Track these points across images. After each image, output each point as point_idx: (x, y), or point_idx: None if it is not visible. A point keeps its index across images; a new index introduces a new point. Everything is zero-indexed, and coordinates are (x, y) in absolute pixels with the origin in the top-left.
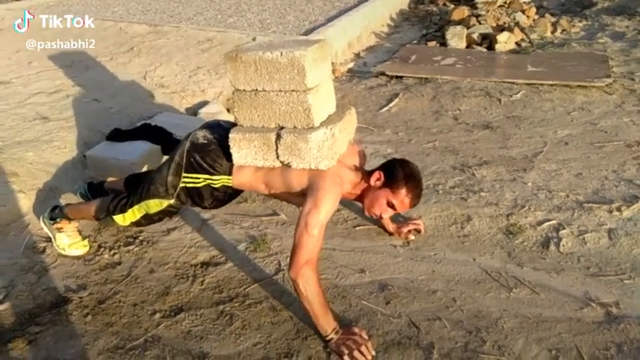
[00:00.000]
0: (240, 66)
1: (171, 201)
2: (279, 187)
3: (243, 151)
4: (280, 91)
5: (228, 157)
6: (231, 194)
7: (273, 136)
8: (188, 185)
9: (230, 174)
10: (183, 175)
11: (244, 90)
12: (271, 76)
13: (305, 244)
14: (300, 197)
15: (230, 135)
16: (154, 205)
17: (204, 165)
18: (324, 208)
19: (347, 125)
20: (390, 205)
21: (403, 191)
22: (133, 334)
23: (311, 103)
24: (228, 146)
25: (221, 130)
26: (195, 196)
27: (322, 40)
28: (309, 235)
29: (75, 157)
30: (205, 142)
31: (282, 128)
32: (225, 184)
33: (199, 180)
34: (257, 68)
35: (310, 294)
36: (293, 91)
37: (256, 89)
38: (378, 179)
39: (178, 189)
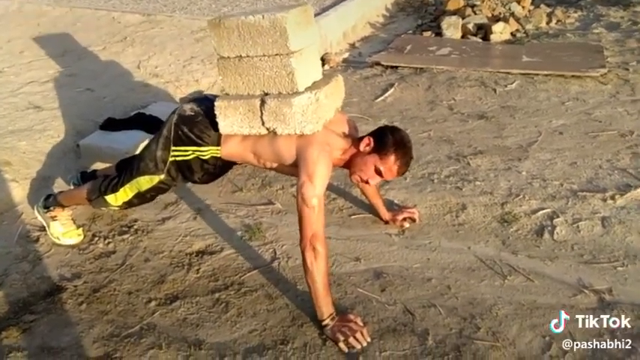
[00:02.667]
0: (224, 32)
1: (162, 176)
2: (269, 157)
3: (229, 119)
4: (264, 55)
5: (216, 127)
6: (221, 167)
7: (257, 102)
8: (177, 159)
9: (218, 144)
10: (172, 148)
11: (228, 57)
12: (254, 41)
13: (307, 217)
14: (292, 167)
15: (216, 103)
16: (145, 182)
17: (192, 136)
18: (317, 179)
19: (333, 91)
20: (378, 172)
21: (392, 158)
22: (128, 322)
23: (294, 66)
24: (215, 116)
25: (208, 102)
26: (185, 169)
27: (305, 4)
28: (308, 208)
29: (68, 146)
30: (192, 114)
31: (267, 94)
32: (214, 154)
33: (188, 152)
34: (240, 33)
35: (316, 270)
36: (276, 55)
37: (240, 55)
38: (368, 145)
39: (168, 163)
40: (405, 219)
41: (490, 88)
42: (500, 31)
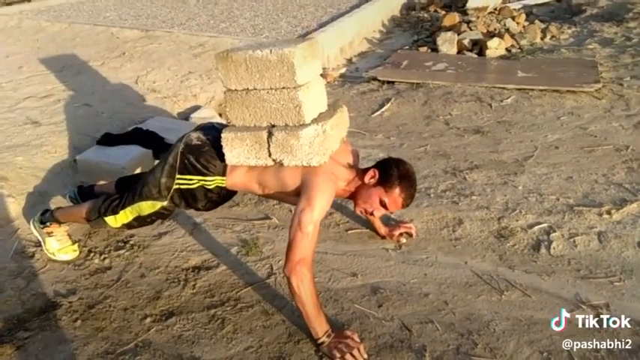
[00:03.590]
0: (231, 65)
1: (165, 203)
2: (274, 186)
3: (236, 150)
4: (271, 89)
5: (222, 157)
6: (224, 195)
7: (264, 134)
8: (182, 187)
9: (224, 174)
10: (177, 176)
11: (236, 90)
12: (262, 75)
13: (299, 242)
14: (295, 197)
15: (222, 135)
16: (147, 207)
17: (198, 166)
18: (317, 206)
19: (339, 122)
20: (383, 204)
21: (397, 191)
22: (124, 339)
23: (302, 99)
24: (222, 147)
25: (214, 132)
26: (188, 197)
27: (312, 39)
28: (302, 234)
29: (65, 162)
30: (199, 143)
31: (273, 126)
32: (219, 184)
33: (193, 181)
34: (247, 67)
35: (303, 293)
36: (283, 88)
37: (247, 88)
38: (373, 177)
39: (172, 191)
40: (401, 234)
41: (486, 103)
42: (496, 47)
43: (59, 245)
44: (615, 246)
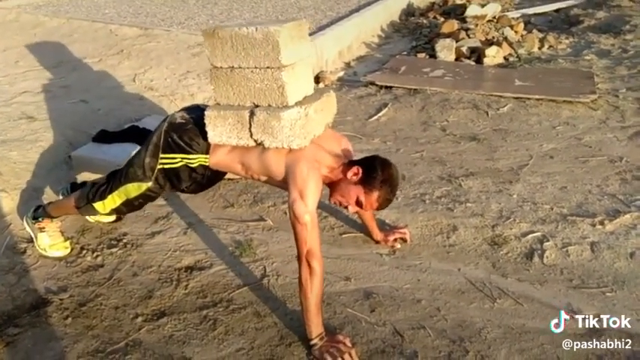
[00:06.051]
0: (217, 42)
1: (150, 184)
2: (258, 170)
3: (218, 128)
4: (255, 67)
5: (206, 136)
6: (209, 176)
7: (246, 114)
8: (165, 167)
9: (207, 153)
10: (161, 156)
11: (221, 67)
12: (247, 53)
13: (300, 234)
14: (280, 182)
15: (205, 112)
16: (133, 189)
17: (181, 144)
18: (308, 195)
19: (324, 107)
20: (359, 203)
21: (376, 194)
22: (114, 337)
23: (285, 80)
24: (205, 125)
25: (199, 111)
26: (172, 177)
27: (300, 20)
28: (301, 225)
29: (60, 158)
30: (183, 121)
31: (257, 106)
32: (203, 163)
33: (176, 160)
34: (233, 44)
35: (309, 287)
36: (268, 67)
37: (232, 66)
38: (356, 174)
39: (156, 171)
40: (395, 239)
41: (482, 111)
42: (494, 55)
43: (51, 241)
44: (608, 257)
